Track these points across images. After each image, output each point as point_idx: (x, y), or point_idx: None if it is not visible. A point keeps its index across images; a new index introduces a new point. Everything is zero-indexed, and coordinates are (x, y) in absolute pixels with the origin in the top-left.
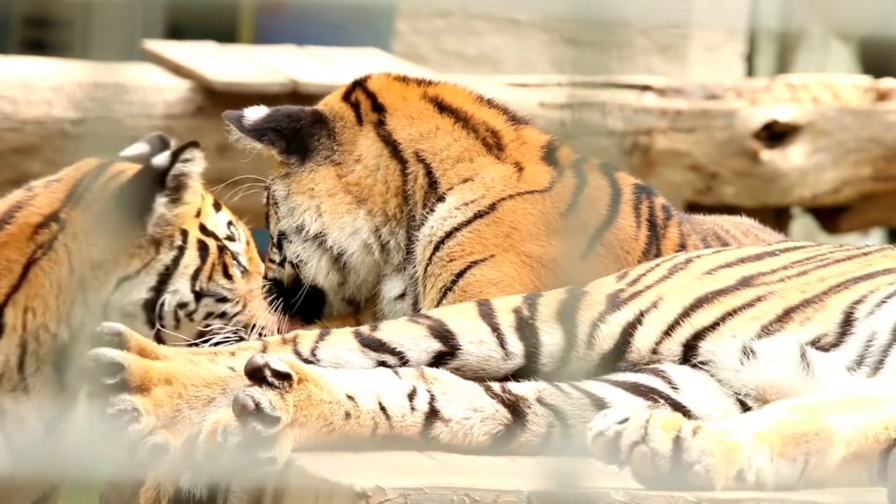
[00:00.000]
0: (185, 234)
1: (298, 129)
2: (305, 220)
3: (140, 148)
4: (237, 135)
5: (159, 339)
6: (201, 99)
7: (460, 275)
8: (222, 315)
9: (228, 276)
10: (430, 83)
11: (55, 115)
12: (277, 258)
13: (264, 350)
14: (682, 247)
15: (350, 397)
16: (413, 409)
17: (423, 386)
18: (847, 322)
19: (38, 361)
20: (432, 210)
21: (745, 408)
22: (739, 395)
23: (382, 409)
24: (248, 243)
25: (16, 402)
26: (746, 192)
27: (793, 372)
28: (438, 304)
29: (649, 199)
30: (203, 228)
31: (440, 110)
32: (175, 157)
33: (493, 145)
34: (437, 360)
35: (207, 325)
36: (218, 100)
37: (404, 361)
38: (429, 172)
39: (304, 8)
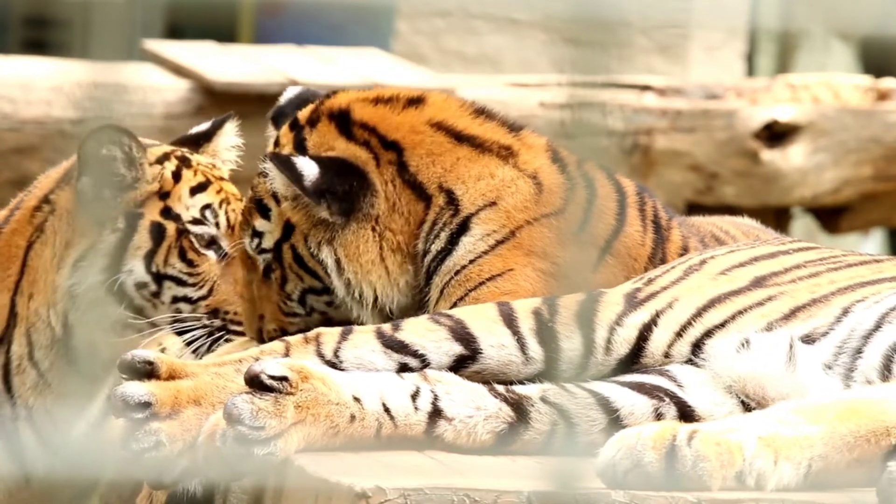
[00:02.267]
0: (132, 216)
1: (349, 190)
2: (364, 291)
3: (203, 126)
4: (280, 182)
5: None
6: (201, 99)
7: (474, 288)
8: (186, 299)
9: (186, 260)
10: (417, 101)
11: (55, 115)
12: (302, 311)
13: (287, 351)
14: (685, 249)
15: (356, 399)
16: (417, 408)
17: (427, 386)
18: (843, 315)
19: (48, 355)
20: (456, 242)
21: (746, 406)
22: (728, 389)
23: (386, 410)
24: (230, 227)
25: (41, 398)
26: (747, 192)
27: (776, 364)
28: None
29: (651, 199)
30: (165, 211)
31: (457, 140)
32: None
33: (507, 156)
34: (459, 363)
35: (177, 309)
36: (218, 100)
37: (426, 364)
38: (450, 193)
39: (304, 8)
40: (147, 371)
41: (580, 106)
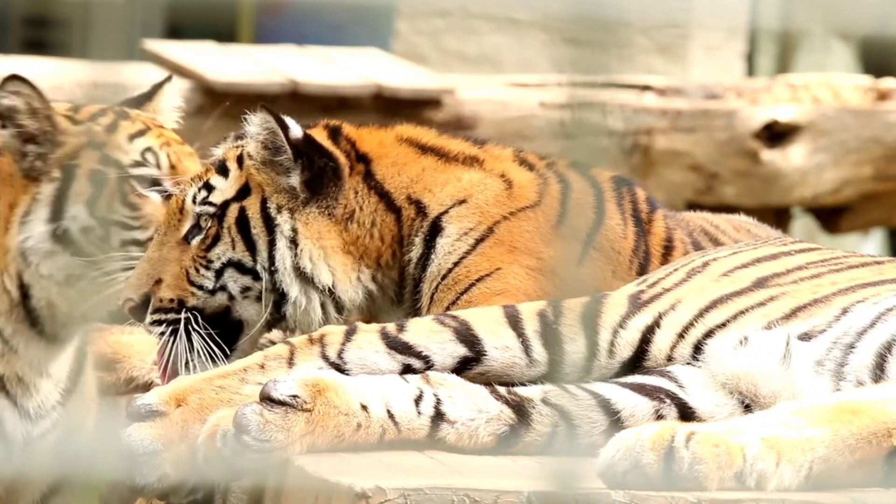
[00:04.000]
0: (68, 167)
1: (323, 168)
2: (318, 269)
3: (145, 89)
4: (263, 135)
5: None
6: (201, 99)
7: (465, 291)
8: (134, 241)
9: (129, 205)
10: (388, 125)
11: None
12: (210, 285)
13: (292, 354)
14: (669, 240)
15: (364, 407)
16: (420, 413)
17: (430, 389)
18: (842, 314)
19: (9, 321)
20: (432, 245)
21: (747, 407)
22: (723, 386)
23: (390, 416)
24: (172, 167)
25: (10, 366)
26: (747, 192)
27: (770, 361)
28: None
29: (631, 191)
30: (104, 159)
31: (421, 151)
32: None
33: (473, 163)
34: (463, 365)
35: (129, 254)
36: (218, 100)
37: (430, 365)
38: (418, 203)
39: (304, 8)
40: (155, 416)
41: (580, 106)
